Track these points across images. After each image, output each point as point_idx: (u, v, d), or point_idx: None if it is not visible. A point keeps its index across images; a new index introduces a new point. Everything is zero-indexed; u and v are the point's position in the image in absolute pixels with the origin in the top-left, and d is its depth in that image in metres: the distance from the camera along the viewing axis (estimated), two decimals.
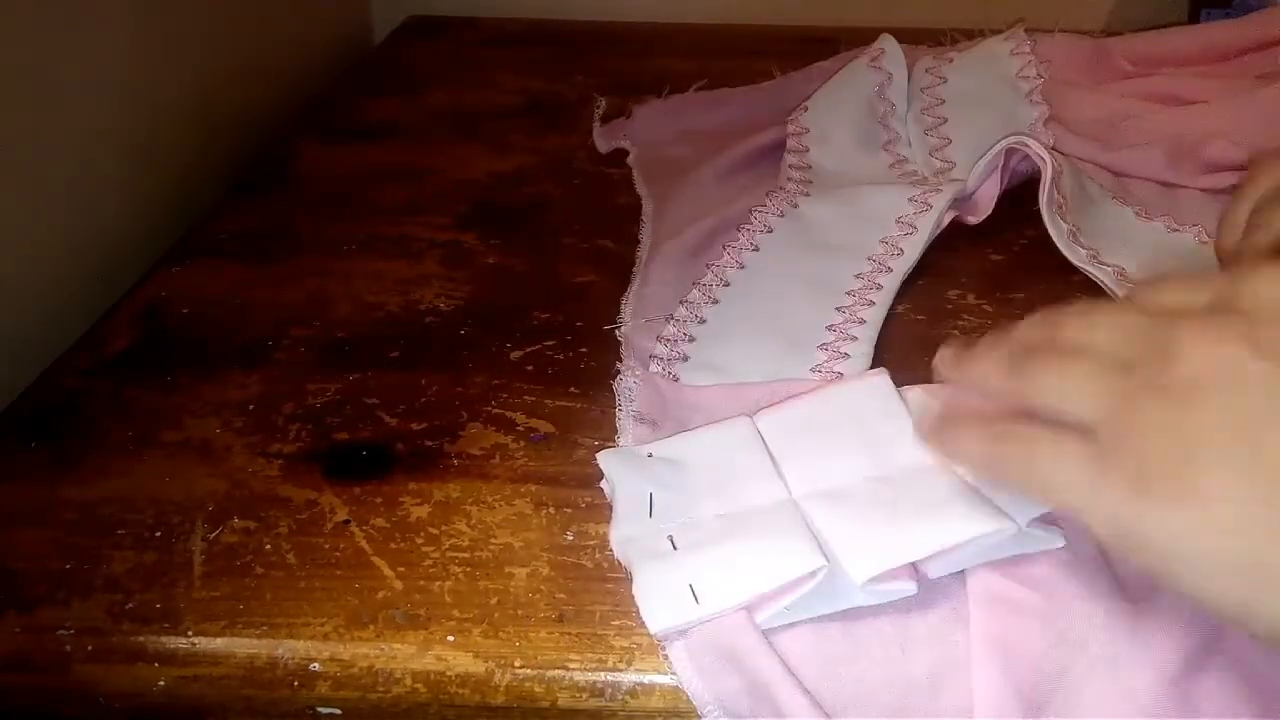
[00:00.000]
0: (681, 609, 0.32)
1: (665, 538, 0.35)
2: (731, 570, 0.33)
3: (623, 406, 0.43)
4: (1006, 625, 0.32)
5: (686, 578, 0.33)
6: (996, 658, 0.31)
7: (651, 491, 0.37)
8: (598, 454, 0.39)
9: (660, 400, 0.43)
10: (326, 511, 0.38)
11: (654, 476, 0.37)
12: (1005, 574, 0.33)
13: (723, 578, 0.33)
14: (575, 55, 0.82)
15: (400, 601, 0.35)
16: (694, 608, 0.32)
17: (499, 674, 0.33)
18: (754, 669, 0.31)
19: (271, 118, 0.74)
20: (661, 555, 0.34)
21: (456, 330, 0.49)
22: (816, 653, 0.32)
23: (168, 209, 0.61)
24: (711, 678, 0.32)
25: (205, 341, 0.48)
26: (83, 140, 0.55)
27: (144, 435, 0.42)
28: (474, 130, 0.70)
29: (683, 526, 0.35)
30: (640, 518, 0.36)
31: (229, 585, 0.35)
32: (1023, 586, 0.33)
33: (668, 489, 0.37)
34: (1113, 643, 0.32)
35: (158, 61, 0.61)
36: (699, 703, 0.32)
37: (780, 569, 0.32)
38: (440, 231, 0.58)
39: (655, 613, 0.33)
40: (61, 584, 0.35)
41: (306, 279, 0.53)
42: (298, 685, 0.33)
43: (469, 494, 0.39)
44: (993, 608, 0.33)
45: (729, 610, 0.32)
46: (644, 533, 0.35)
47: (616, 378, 0.44)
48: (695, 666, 0.32)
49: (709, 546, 0.34)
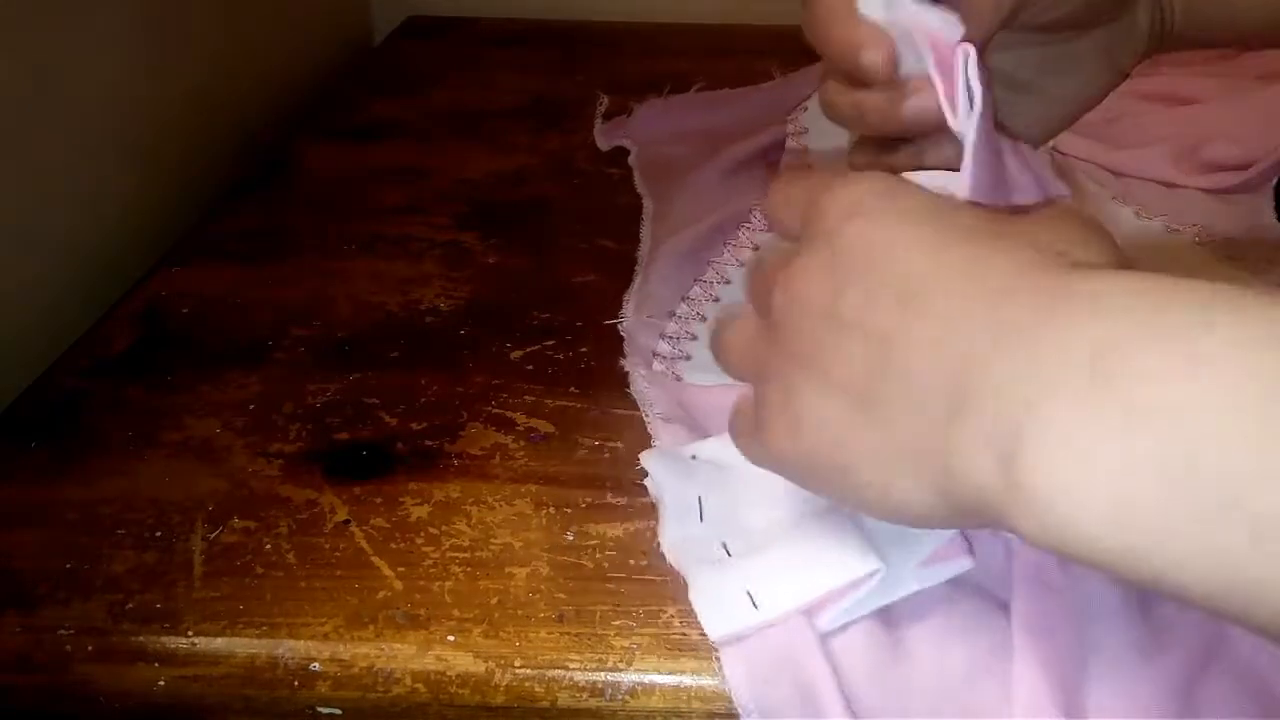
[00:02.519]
0: (740, 615, 0.32)
1: (719, 544, 0.35)
2: (789, 576, 0.33)
3: (648, 413, 0.43)
4: (1046, 608, 0.32)
5: (743, 584, 0.33)
6: (1035, 648, 0.31)
7: (700, 495, 0.37)
8: (642, 455, 0.39)
9: (672, 401, 0.43)
10: (326, 511, 0.38)
11: (701, 480, 0.37)
12: (1044, 555, 0.33)
13: (780, 583, 0.33)
14: (575, 55, 0.82)
15: (400, 601, 0.35)
16: (753, 613, 0.32)
17: (499, 674, 0.33)
18: (806, 678, 0.31)
19: (271, 118, 0.74)
20: (716, 562, 0.35)
21: (456, 330, 0.49)
22: (864, 657, 0.32)
23: (168, 209, 0.61)
24: (760, 683, 0.32)
25: (205, 341, 0.48)
26: (83, 140, 0.55)
27: (144, 435, 0.42)
28: (474, 130, 0.70)
29: (735, 532, 0.36)
30: (690, 521, 0.36)
31: (229, 585, 0.35)
32: (1059, 569, 0.33)
33: (716, 493, 0.37)
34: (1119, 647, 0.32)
35: (158, 62, 0.61)
36: (742, 707, 0.31)
37: (837, 573, 0.32)
38: (440, 231, 0.58)
39: (714, 620, 0.33)
40: (62, 584, 0.35)
41: (306, 279, 0.53)
42: (298, 685, 0.33)
43: (469, 494, 0.39)
44: (1033, 588, 0.33)
45: (788, 615, 0.32)
46: (696, 537, 0.36)
47: (628, 380, 0.44)
48: (747, 672, 0.32)
49: (765, 552, 0.34)
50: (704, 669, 0.32)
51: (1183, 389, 0.20)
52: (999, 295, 0.24)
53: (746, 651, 0.32)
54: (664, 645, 0.33)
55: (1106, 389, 0.21)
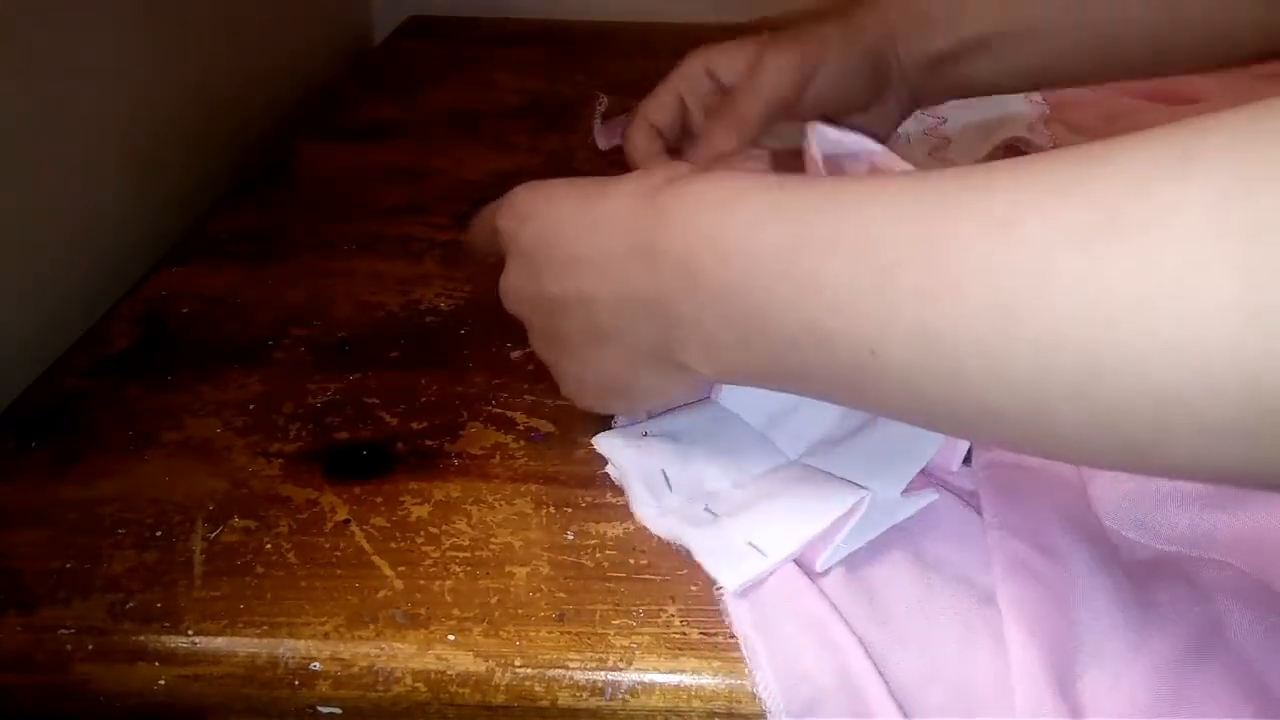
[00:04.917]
0: (750, 563, 0.34)
1: (701, 508, 0.36)
2: (785, 520, 0.35)
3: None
4: (1035, 595, 0.32)
5: (744, 537, 0.34)
6: (1024, 629, 0.31)
7: (663, 468, 0.38)
8: (594, 438, 0.40)
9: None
10: (327, 511, 0.38)
11: (658, 454, 0.39)
12: (1027, 542, 0.34)
13: (779, 529, 0.34)
14: (575, 55, 0.82)
15: (400, 601, 0.35)
16: (762, 560, 0.34)
17: (499, 673, 0.33)
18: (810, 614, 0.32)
19: (271, 118, 0.74)
20: (705, 523, 0.36)
21: (456, 330, 0.49)
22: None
23: (168, 209, 0.61)
24: (772, 634, 0.32)
25: (205, 341, 0.48)
26: (83, 140, 0.55)
27: (144, 435, 0.42)
28: (474, 130, 0.70)
29: (707, 496, 0.37)
30: (661, 493, 0.37)
31: (229, 585, 0.35)
32: (1042, 555, 0.33)
33: (677, 465, 0.38)
34: (1109, 636, 0.32)
35: (158, 62, 0.61)
36: (751, 658, 0.32)
37: (830, 506, 0.34)
38: (440, 231, 0.58)
39: (727, 573, 0.34)
40: (62, 583, 0.35)
41: (306, 279, 0.53)
42: (298, 684, 0.33)
43: (469, 493, 0.39)
44: (1016, 575, 0.33)
45: (793, 556, 0.34)
46: (674, 507, 0.37)
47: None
48: (755, 625, 0.33)
49: (751, 507, 0.36)
50: (704, 668, 0.32)
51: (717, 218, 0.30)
52: (630, 231, 0.33)
53: (755, 603, 0.33)
54: (664, 645, 0.33)
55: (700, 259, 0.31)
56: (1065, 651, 0.31)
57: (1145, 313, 0.21)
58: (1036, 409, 0.24)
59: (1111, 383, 0.22)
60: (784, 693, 0.31)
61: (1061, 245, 0.22)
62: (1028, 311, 0.23)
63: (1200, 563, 0.35)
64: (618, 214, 0.34)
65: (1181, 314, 0.21)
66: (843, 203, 0.27)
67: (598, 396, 0.39)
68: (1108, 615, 0.32)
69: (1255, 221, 0.20)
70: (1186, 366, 0.21)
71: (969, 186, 0.24)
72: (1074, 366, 0.22)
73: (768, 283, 0.28)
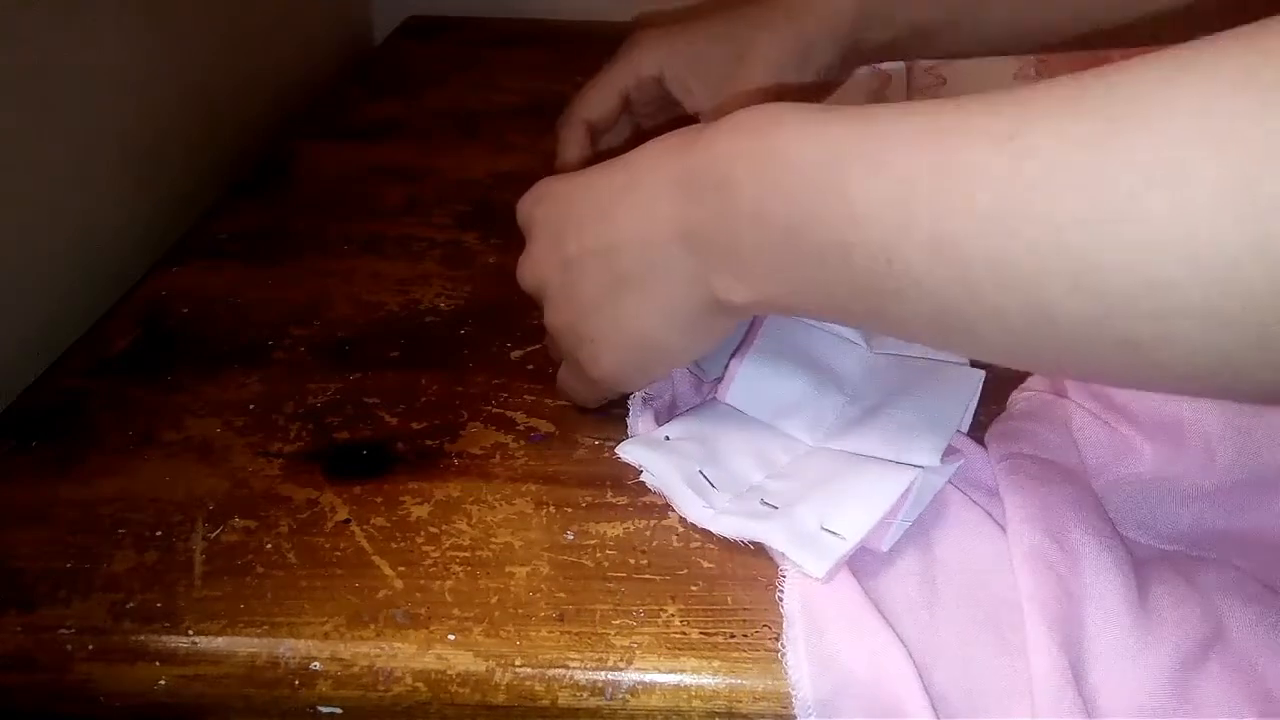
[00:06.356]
0: (832, 548, 0.33)
1: (757, 502, 0.36)
2: (853, 504, 0.35)
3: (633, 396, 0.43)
4: (1052, 587, 0.32)
5: (817, 523, 0.34)
6: (1044, 624, 0.31)
7: (699, 469, 0.38)
8: (619, 448, 0.39)
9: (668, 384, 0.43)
10: (327, 511, 0.38)
11: (691, 455, 0.38)
12: (1046, 532, 0.34)
13: (850, 512, 0.34)
14: (575, 55, 0.82)
15: (401, 601, 0.35)
16: (841, 543, 0.33)
17: (499, 673, 0.33)
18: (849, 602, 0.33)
19: (271, 118, 0.74)
20: (770, 515, 0.35)
21: (456, 330, 0.49)
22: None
23: (168, 209, 0.61)
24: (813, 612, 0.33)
25: (205, 341, 0.48)
26: (83, 140, 0.55)
27: (144, 435, 0.42)
28: (474, 130, 0.70)
29: (755, 490, 0.37)
30: (708, 493, 0.37)
31: (229, 584, 0.35)
32: (1060, 550, 0.34)
33: (710, 464, 0.38)
34: (1115, 636, 0.32)
35: (158, 62, 0.61)
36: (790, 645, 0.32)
37: (887, 488, 0.35)
38: (440, 231, 0.58)
39: (812, 561, 0.33)
40: (62, 583, 0.35)
41: (306, 279, 0.53)
42: (298, 684, 0.33)
43: (469, 493, 0.39)
44: (1035, 569, 0.33)
45: (869, 536, 0.34)
46: (727, 505, 0.36)
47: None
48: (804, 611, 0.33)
49: (810, 496, 0.36)
50: (704, 668, 0.32)
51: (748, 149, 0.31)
52: (669, 167, 0.33)
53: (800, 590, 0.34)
54: (664, 644, 0.33)
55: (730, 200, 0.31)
56: (1075, 650, 0.31)
57: (1138, 204, 0.22)
58: (1038, 308, 0.24)
59: (1110, 276, 0.23)
60: (812, 681, 0.31)
61: (1061, 151, 0.23)
62: (1029, 214, 0.24)
63: (1202, 563, 0.35)
64: (656, 157, 0.34)
65: (1172, 203, 0.21)
66: (873, 124, 0.29)
67: (622, 353, 0.37)
68: (1115, 616, 0.32)
69: (1243, 113, 0.21)
70: (1180, 256, 0.22)
71: (981, 108, 0.26)
72: (1072, 263, 0.23)
73: (801, 199, 0.29)
